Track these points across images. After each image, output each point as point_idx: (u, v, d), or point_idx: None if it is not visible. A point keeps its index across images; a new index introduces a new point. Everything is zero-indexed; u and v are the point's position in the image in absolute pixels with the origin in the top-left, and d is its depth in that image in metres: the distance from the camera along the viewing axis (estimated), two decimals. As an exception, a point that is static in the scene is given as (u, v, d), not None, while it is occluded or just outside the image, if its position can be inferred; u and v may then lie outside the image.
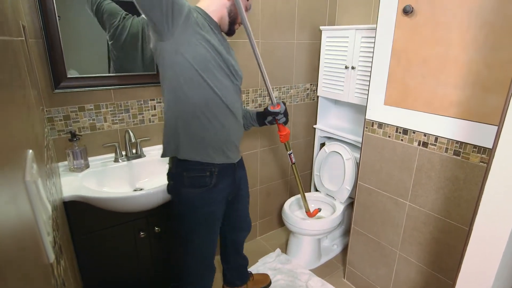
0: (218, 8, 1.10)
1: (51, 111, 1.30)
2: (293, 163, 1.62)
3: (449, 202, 1.24)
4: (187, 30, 0.97)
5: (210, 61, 1.03)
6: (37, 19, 1.19)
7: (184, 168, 1.12)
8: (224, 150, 1.14)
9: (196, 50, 1.00)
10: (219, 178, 1.15)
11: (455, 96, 1.14)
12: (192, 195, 1.14)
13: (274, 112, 1.32)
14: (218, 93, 1.06)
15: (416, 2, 1.18)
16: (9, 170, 0.31)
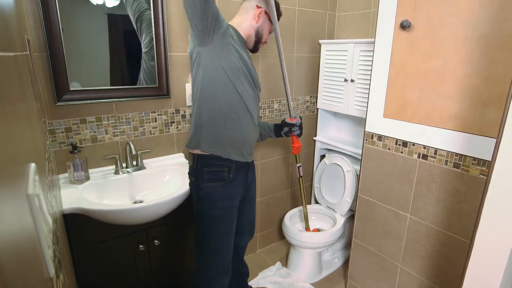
0: (247, 27, 1.27)
1: (53, 123, 1.31)
2: (300, 176, 1.66)
3: (450, 214, 1.23)
4: (224, 41, 1.13)
5: (239, 70, 1.17)
6: (42, 33, 1.21)
7: (204, 164, 1.22)
8: (241, 149, 1.25)
9: (229, 58, 1.15)
10: (236, 174, 1.26)
11: (453, 109, 1.15)
12: (212, 189, 1.23)
13: (290, 123, 1.47)
14: (242, 97, 1.19)
15: (413, 17, 1.20)
16: (13, 183, 0.32)
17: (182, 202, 1.34)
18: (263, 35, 1.30)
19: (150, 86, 1.50)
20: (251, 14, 1.27)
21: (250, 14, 1.27)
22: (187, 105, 1.64)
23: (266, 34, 1.32)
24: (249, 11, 1.27)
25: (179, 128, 1.64)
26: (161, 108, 1.56)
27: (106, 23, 1.36)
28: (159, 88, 1.52)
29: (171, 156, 1.63)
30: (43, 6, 1.18)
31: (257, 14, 1.26)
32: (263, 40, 1.32)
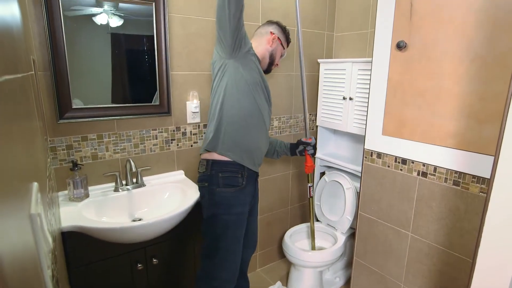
0: (262, 50, 1.42)
1: (54, 141, 1.32)
2: (311, 196, 1.70)
3: (452, 233, 1.22)
4: (248, 56, 1.29)
5: (258, 84, 1.31)
6: (47, 52, 1.24)
7: (219, 169, 1.28)
8: (253, 157, 1.33)
9: (251, 72, 1.29)
10: (248, 181, 1.32)
11: (451, 127, 1.16)
12: (227, 194, 1.28)
13: (306, 142, 1.61)
14: (260, 108, 1.32)
15: (409, 38, 1.24)
16: (17, 202, 0.32)
17: (181, 220, 1.33)
18: (275, 58, 1.45)
19: (152, 104, 1.52)
20: (266, 39, 1.42)
21: (264, 39, 1.43)
22: (188, 123, 1.65)
23: (278, 57, 1.47)
24: (264, 36, 1.43)
25: (179, 146, 1.65)
26: (162, 125, 1.58)
27: (109, 42, 1.40)
28: (160, 106, 1.54)
29: (171, 173, 1.64)
30: (49, 27, 1.21)
31: (271, 39, 1.42)
32: (276, 62, 1.47)
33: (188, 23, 1.55)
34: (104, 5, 1.34)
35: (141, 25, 1.46)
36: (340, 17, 2.11)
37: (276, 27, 1.45)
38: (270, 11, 1.81)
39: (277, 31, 1.44)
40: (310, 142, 1.61)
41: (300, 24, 1.48)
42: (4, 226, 0.25)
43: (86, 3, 1.30)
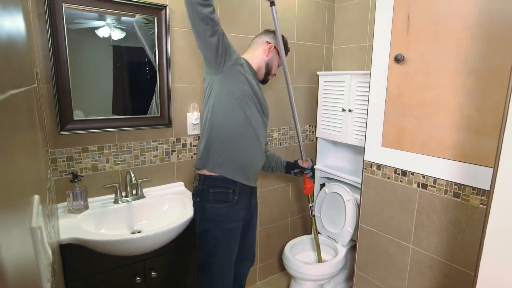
0: (258, 61, 1.38)
1: (55, 152, 1.33)
2: (313, 215, 1.68)
3: (453, 245, 1.21)
4: (235, 70, 1.24)
5: (248, 96, 1.26)
6: (50, 64, 1.26)
7: (210, 185, 1.25)
8: (247, 172, 1.29)
9: (239, 86, 1.24)
10: (240, 197, 1.29)
11: (450, 139, 1.17)
12: (217, 210, 1.25)
13: (302, 167, 1.55)
14: (251, 121, 1.27)
15: (406, 51, 1.26)
16: (18, 215, 0.32)
17: (181, 232, 1.32)
18: (272, 68, 1.42)
19: (152, 116, 1.53)
20: (262, 49, 1.39)
21: (260, 49, 1.39)
22: (188, 134, 1.66)
23: (275, 67, 1.44)
24: (260, 46, 1.40)
25: (179, 157, 1.65)
26: (162, 137, 1.58)
27: (111, 54, 1.42)
28: (161, 117, 1.55)
29: (171, 185, 1.63)
30: (53, 40, 1.24)
31: (267, 49, 1.38)
32: (272, 72, 1.44)
33: (189, 36, 1.58)
34: (107, 18, 1.37)
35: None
36: (338, 31, 2.15)
37: (272, 37, 1.41)
38: (270, 24, 1.84)
39: (274, 40, 1.40)
40: (306, 166, 1.56)
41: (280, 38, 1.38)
42: (6, 238, 0.25)
43: (89, 17, 1.33)
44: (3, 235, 0.23)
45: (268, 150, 1.60)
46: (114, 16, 1.38)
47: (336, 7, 2.14)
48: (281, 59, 1.39)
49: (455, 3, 1.09)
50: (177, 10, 1.52)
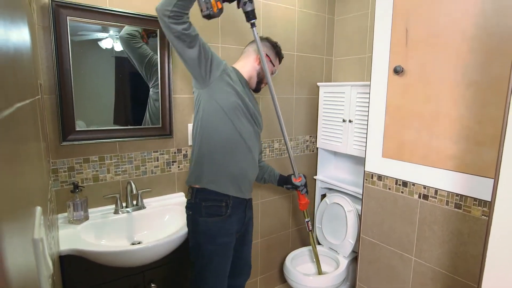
0: (249, 69, 1.36)
1: (56, 163, 1.33)
2: (309, 230, 1.67)
3: (456, 257, 1.20)
4: (221, 82, 1.21)
5: (237, 108, 1.24)
6: (53, 76, 1.27)
7: (202, 198, 1.23)
8: (240, 185, 1.27)
9: (226, 97, 1.22)
10: (233, 210, 1.27)
11: (450, 150, 1.17)
12: (209, 224, 1.23)
13: (296, 185, 1.52)
14: (241, 133, 1.25)
15: (405, 63, 1.27)
16: (21, 226, 0.33)
17: (181, 243, 1.31)
18: (264, 77, 1.39)
19: (154, 126, 1.54)
20: (253, 57, 1.37)
21: (252, 57, 1.37)
22: (189, 145, 1.66)
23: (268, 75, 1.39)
24: (251, 55, 1.37)
25: (180, 168, 1.65)
26: (164, 147, 1.59)
27: (113, 65, 1.44)
28: (163, 128, 1.56)
29: (171, 196, 1.63)
30: (57, 52, 1.25)
31: (258, 57, 1.35)
32: (265, 81, 1.40)
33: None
34: (110, 30, 1.39)
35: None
36: (338, 43, 2.18)
37: (264, 44, 1.37)
38: (270, 36, 1.86)
39: (266, 48, 1.37)
40: (299, 183, 1.52)
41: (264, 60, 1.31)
42: (10, 249, 0.25)
43: (92, 29, 1.35)
44: (7, 246, 0.24)
45: (262, 161, 1.58)
46: (117, 28, 1.40)
47: (336, 19, 2.17)
48: (265, 74, 1.32)
49: (453, 17, 1.11)
50: (179, 22, 1.55)
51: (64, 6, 1.25)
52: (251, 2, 1.13)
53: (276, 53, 1.41)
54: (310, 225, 1.71)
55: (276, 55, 1.41)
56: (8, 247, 0.23)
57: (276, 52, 1.41)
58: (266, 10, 1.83)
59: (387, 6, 1.30)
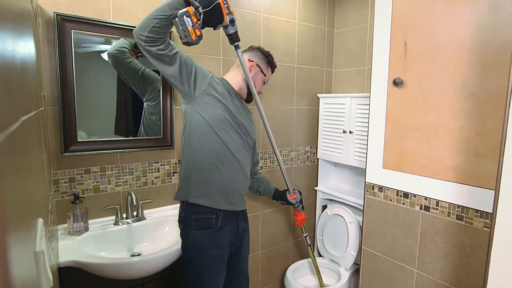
0: (239, 80, 1.33)
1: (57, 174, 1.33)
2: (308, 245, 1.64)
3: (458, 270, 1.19)
4: (206, 96, 1.20)
5: (224, 121, 1.22)
6: (56, 88, 1.29)
7: (192, 211, 1.22)
8: (230, 197, 1.25)
9: (212, 111, 1.20)
10: (224, 222, 1.24)
11: (451, 161, 1.17)
12: (199, 237, 1.22)
13: (291, 202, 1.50)
14: (229, 147, 1.23)
15: (404, 75, 1.29)
16: (24, 238, 0.33)
17: (181, 255, 1.30)
18: (255, 86, 1.35)
19: (155, 138, 1.55)
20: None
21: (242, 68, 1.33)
22: (190, 156, 1.67)
23: (259, 86, 1.37)
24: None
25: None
26: (165, 158, 1.59)
27: (115, 76, 1.45)
28: (164, 139, 1.56)
29: (172, 207, 1.63)
30: (61, 64, 1.27)
31: (248, 67, 1.32)
32: (257, 91, 1.36)
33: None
34: (112, 42, 1.41)
35: (147, 61, 1.52)
36: (338, 55, 2.21)
37: (255, 54, 1.35)
38: (270, 49, 1.89)
39: (257, 58, 1.35)
40: (295, 200, 1.50)
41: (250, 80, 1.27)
42: (15, 261, 0.25)
43: (95, 41, 1.38)
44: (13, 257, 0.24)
45: (259, 173, 1.56)
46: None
47: (335, 32, 2.21)
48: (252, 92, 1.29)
49: (450, 30, 1.13)
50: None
51: (69, 20, 1.27)
52: (233, 25, 1.11)
53: (267, 62, 1.38)
54: (308, 240, 1.67)
55: (267, 64, 1.38)
56: (13, 258, 0.24)
57: (267, 62, 1.38)
58: (267, 24, 1.86)
59: (386, 20, 1.32)
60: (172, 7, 1.03)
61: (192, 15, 1.00)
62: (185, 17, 0.99)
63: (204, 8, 1.01)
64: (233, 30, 1.13)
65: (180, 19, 0.99)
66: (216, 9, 1.03)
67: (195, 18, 1.01)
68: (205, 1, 1.02)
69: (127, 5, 1.41)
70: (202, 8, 1.01)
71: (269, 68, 1.40)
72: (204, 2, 1.01)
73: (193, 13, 1.01)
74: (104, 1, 1.36)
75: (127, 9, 1.42)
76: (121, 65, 1.44)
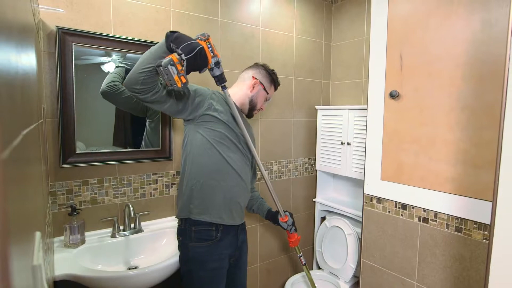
0: (241, 97, 1.35)
1: (55, 185, 1.33)
2: (303, 265, 1.63)
3: (459, 282, 1.18)
4: (206, 117, 1.22)
5: (223, 138, 1.24)
6: (56, 101, 1.30)
7: (192, 223, 1.21)
8: (232, 211, 1.25)
9: (214, 126, 1.22)
10: (224, 234, 1.24)
11: (448, 173, 1.18)
12: (199, 250, 1.21)
13: (283, 226, 1.49)
14: (230, 162, 1.24)
15: (401, 88, 1.30)
16: (23, 252, 0.33)
17: (179, 268, 1.28)
18: (257, 104, 1.38)
19: (153, 149, 1.55)
20: (247, 84, 1.36)
21: (245, 84, 1.36)
22: (188, 167, 1.67)
23: (261, 103, 1.39)
24: (245, 81, 1.37)
25: (179, 190, 1.64)
26: (163, 170, 1.59)
27: (115, 89, 1.46)
28: (162, 151, 1.57)
29: (169, 219, 1.61)
30: (61, 76, 1.28)
31: (251, 84, 1.35)
32: (257, 108, 1.39)
33: (192, 73, 1.64)
34: (113, 54, 1.43)
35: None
36: (335, 67, 2.24)
37: (259, 72, 1.37)
38: (269, 61, 1.92)
39: (260, 75, 1.37)
40: (286, 223, 1.48)
41: (241, 123, 1.24)
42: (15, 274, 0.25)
43: (95, 53, 1.39)
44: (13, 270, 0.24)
45: (254, 191, 1.56)
46: (120, 52, 1.44)
47: (332, 45, 2.24)
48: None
49: (445, 45, 1.16)
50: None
51: (70, 34, 1.29)
52: (218, 67, 1.09)
53: (271, 80, 1.40)
54: (303, 260, 1.63)
55: (271, 82, 1.40)
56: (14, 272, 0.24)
57: (271, 80, 1.40)
58: (265, 37, 1.89)
59: (381, 34, 1.35)
60: (156, 56, 1.03)
61: (177, 63, 0.98)
62: (169, 66, 0.97)
63: (187, 55, 0.99)
64: (219, 72, 1.11)
65: (165, 69, 0.97)
66: (199, 53, 1.02)
67: (179, 65, 0.99)
68: (188, 48, 0.99)
69: (128, 19, 1.44)
70: (185, 55, 0.99)
71: (272, 86, 1.42)
72: (186, 49, 0.99)
73: (177, 61, 0.98)
74: (105, 15, 1.38)
75: (128, 22, 1.44)
76: (117, 98, 1.44)
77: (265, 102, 1.42)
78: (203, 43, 1.03)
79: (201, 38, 1.04)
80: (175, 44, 1.00)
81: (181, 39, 1.01)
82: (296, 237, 1.53)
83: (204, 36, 1.04)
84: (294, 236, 1.53)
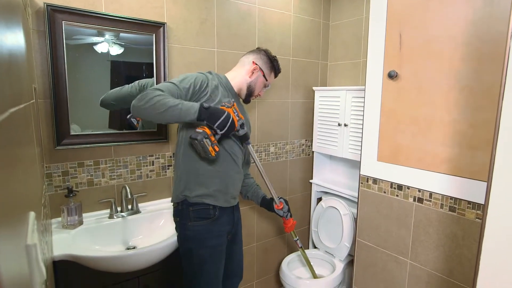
0: (239, 82, 1.34)
1: (50, 167, 1.32)
2: (300, 247, 1.65)
3: (451, 260, 1.21)
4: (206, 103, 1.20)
5: None
6: (48, 81, 1.27)
7: (189, 205, 1.23)
8: (227, 194, 1.28)
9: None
10: (221, 212, 1.27)
11: (445, 154, 1.18)
12: (199, 228, 1.23)
13: (278, 213, 1.52)
14: (225, 146, 1.24)
15: (399, 68, 1.29)
16: (14, 232, 0.32)
17: (176, 248, 1.30)
18: (255, 90, 1.36)
19: (149, 131, 1.54)
20: (246, 69, 1.34)
21: (244, 69, 1.34)
22: (185, 149, 1.66)
23: (259, 89, 1.37)
24: (245, 66, 1.35)
25: (176, 171, 1.65)
26: (159, 151, 1.58)
27: (109, 69, 1.43)
28: (158, 132, 1.55)
29: (166, 200, 1.62)
30: (52, 56, 1.25)
31: (251, 70, 1.33)
32: (255, 94, 1.38)
33: (186, 53, 1.61)
34: (106, 34, 1.39)
35: (141, 53, 1.50)
36: (333, 47, 2.20)
37: (260, 57, 1.35)
38: (266, 41, 1.88)
39: (261, 61, 1.34)
40: (282, 210, 1.50)
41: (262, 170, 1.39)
42: (3, 255, 0.25)
43: (88, 33, 1.35)
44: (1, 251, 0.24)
45: (249, 177, 1.56)
46: (113, 32, 1.40)
47: (331, 25, 2.19)
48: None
49: (445, 24, 1.13)
50: (175, 27, 1.55)
51: (60, 11, 1.25)
52: (243, 127, 1.18)
53: (271, 67, 1.38)
54: (299, 243, 1.67)
55: (271, 69, 1.38)
56: (1, 253, 0.23)
57: (271, 67, 1.37)
58: (262, 15, 1.84)
59: (381, 13, 1.31)
60: (184, 119, 1.08)
61: (210, 135, 1.06)
62: (204, 139, 1.04)
63: (221, 130, 1.08)
64: (244, 131, 1.20)
65: (201, 143, 1.04)
66: (231, 124, 1.10)
67: (212, 137, 1.07)
68: (222, 124, 1.07)
69: (119, -4, 1.39)
70: (220, 130, 1.07)
71: (272, 73, 1.40)
72: (221, 125, 1.07)
73: (210, 134, 1.06)
74: (96, -9, 1.33)
75: (119, 0, 1.39)
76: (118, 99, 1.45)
77: (263, 88, 1.40)
78: (230, 110, 1.11)
79: (227, 106, 1.12)
80: (209, 121, 1.07)
81: (214, 116, 1.07)
82: (291, 222, 1.55)
83: (230, 103, 1.13)
84: (290, 222, 1.55)
